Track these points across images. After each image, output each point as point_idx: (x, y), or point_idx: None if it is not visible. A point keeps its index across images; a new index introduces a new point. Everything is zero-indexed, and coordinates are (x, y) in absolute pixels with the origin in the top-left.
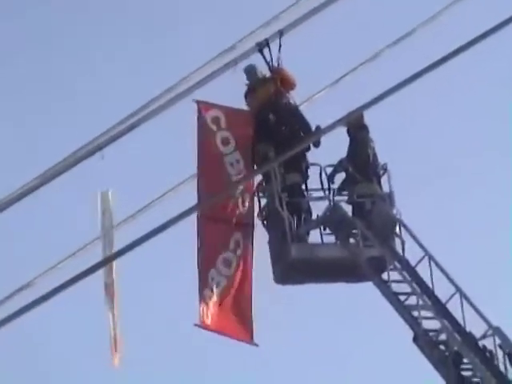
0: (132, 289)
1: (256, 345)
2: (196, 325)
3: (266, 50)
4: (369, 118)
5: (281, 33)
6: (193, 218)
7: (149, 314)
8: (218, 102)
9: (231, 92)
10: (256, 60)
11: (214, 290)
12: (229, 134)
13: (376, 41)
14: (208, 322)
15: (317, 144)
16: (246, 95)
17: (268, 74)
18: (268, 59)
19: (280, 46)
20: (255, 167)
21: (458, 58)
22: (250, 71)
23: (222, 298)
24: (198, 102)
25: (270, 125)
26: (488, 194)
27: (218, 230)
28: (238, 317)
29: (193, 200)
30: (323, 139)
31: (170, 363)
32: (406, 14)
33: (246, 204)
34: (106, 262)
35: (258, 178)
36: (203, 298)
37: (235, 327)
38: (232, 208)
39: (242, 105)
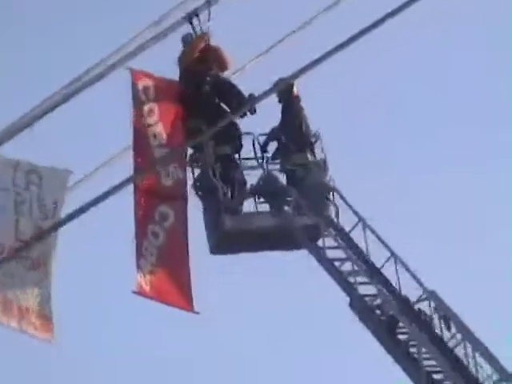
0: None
1: (197, 312)
2: (134, 292)
3: (195, 21)
4: (306, 85)
5: (209, 2)
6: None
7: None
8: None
9: (165, 63)
10: (185, 31)
11: (149, 259)
12: (154, 105)
13: (308, 8)
14: (147, 289)
15: (252, 111)
16: (179, 59)
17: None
18: (197, 30)
19: (209, 16)
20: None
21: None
22: (187, 38)
23: (157, 267)
24: (132, 70)
25: (199, 97)
26: (420, 156)
27: (145, 203)
28: (175, 286)
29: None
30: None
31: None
32: None
33: (173, 176)
34: (47, 232)
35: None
36: (140, 267)
37: (174, 296)
38: (155, 181)
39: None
